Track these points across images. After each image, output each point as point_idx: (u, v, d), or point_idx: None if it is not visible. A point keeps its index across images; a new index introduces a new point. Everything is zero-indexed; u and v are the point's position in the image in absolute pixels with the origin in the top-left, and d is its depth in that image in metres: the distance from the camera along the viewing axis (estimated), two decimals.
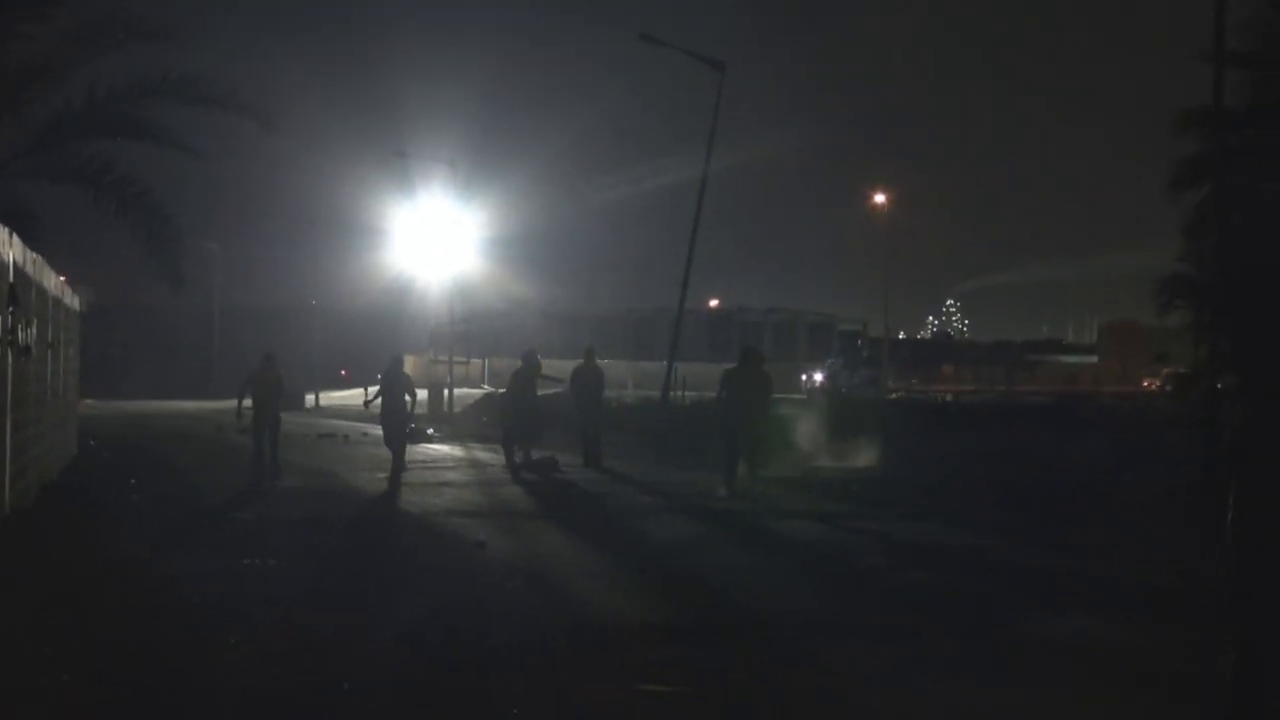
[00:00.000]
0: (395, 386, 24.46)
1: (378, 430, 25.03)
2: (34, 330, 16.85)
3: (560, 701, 8.53)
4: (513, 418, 26.87)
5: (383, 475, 23.56)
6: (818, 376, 74.90)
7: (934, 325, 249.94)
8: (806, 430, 28.76)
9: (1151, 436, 29.17)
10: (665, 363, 39.95)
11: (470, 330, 56.12)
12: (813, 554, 15.97)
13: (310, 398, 58.71)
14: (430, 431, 36.61)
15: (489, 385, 65.68)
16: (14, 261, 14.72)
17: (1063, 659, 10.09)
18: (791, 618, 11.76)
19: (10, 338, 14.33)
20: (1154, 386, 76.11)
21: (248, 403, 24.10)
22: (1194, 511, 17.03)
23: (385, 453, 24.17)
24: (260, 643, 9.99)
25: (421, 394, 40.86)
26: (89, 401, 41.61)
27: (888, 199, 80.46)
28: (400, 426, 24.45)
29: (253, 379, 24.05)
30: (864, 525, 18.52)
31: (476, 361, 69.46)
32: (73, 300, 24.56)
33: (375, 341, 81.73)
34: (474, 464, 27.92)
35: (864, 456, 26.57)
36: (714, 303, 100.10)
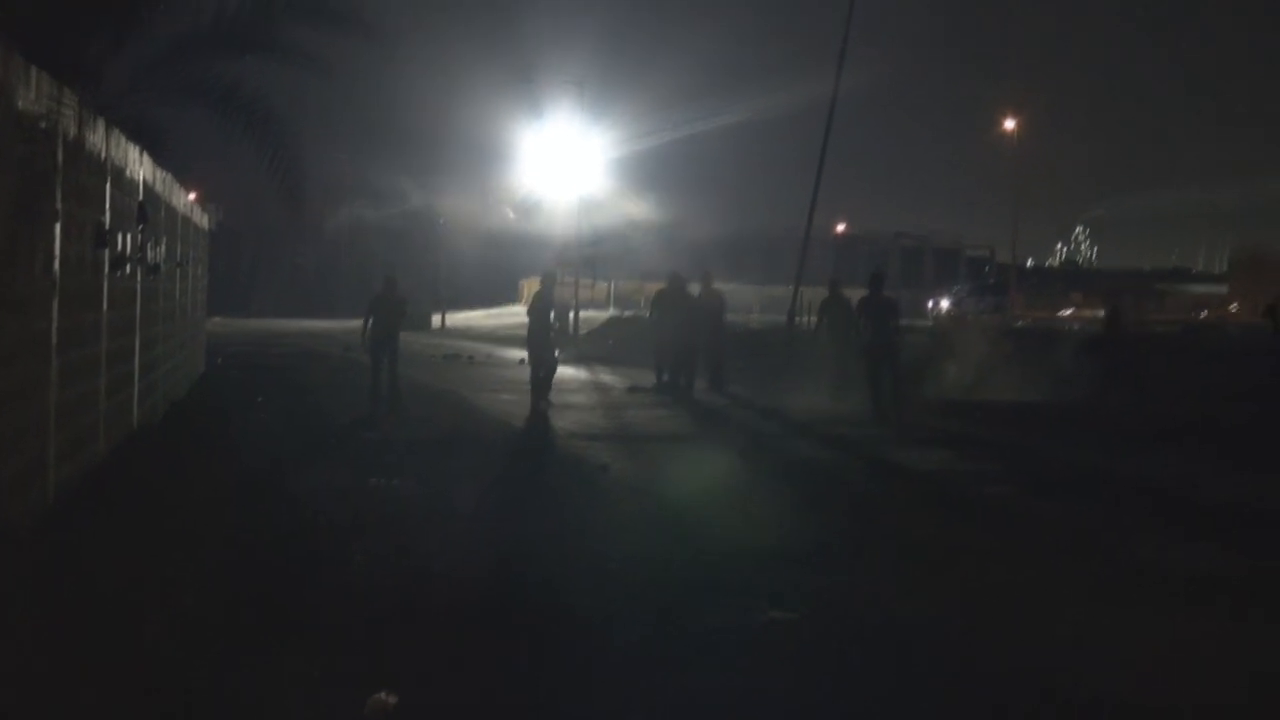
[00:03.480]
0: (546, 307, 23.78)
1: (503, 352, 24.74)
2: (163, 248, 16.96)
3: (678, 624, 8.43)
4: (666, 340, 26.53)
5: (508, 397, 23.59)
6: (944, 303, 74.36)
7: (1062, 252, 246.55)
8: (936, 356, 28.46)
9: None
10: (791, 287, 39.62)
11: (596, 252, 56.03)
12: (935, 482, 15.80)
13: (436, 318, 59.09)
14: (556, 353, 36.61)
15: (614, 308, 65.73)
16: (143, 180, 14.78)
17: (1160, 584, 10.17)
18: (913, 544, 11.72)
19: (139, 255, 14.40)
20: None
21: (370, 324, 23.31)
22: None
23: (509, 373, 24.00)
24: (382, 562, 9.98)
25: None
26: (217, 319, 42.15)
27: (1017, 124, 79.23)
28: (549, 349, 23.61)
29: (375, 301, 23.28)
30: (990, 453, 18.34)
31: (602, 284, 69.48)
32: (202, 219, 24.73)
33: (500, 263, 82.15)
34: (599, 387, 27.91)
35: (993, 384, 26.18)
36: (841, 227, 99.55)
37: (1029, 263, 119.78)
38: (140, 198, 14.38)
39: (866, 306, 22.42)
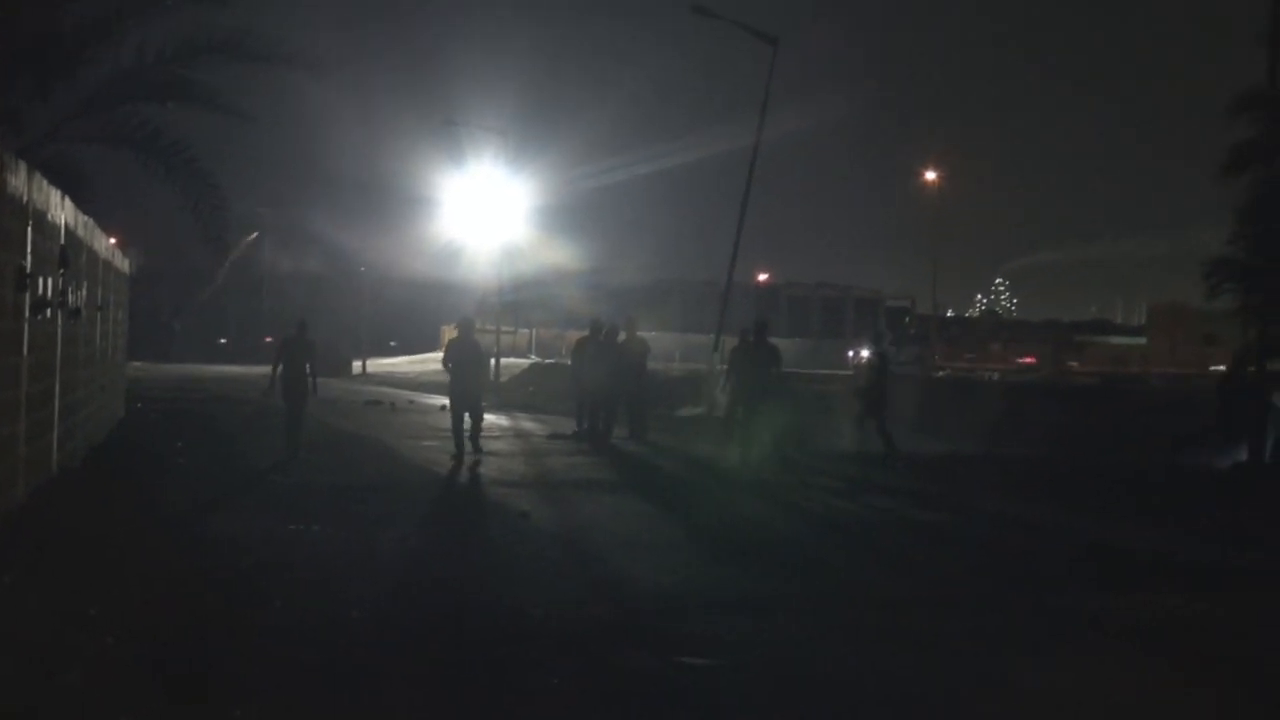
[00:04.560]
0: (469, 352, 23.36)
1: (425, 398, 24.71)
2: (83, 292, 16.89)
3: (600, 672, 8.51)
4: (587, 387, 26.56)
5: (430, 443, 23.56)
6: (864, 353, 74.76)
7: (982, 303, 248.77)
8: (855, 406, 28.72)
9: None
10: (712, 335, 39.83)
11: (518, 300, 56.16)
12: (852, 528, 15.97)
13: (358, 364, 58.93)
14: (481, 403, 36.57)
15: (535, 355, 65.78)
16: (65, 224, 14.74)
17: (1041, 631, 10.40)
18: (833, 591, 11.81)
19: (59, 299, 14.36)
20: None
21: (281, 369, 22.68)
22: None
23: (431, 420, 23.91)
24: (302, 610, 9.99)
25: None
26: (137, 364, 41.86)
27: (938, 176, 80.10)
28: (478, 395, 23.20)
29: (285, 344, 22.97)
30: (908, 501, 18.54)
31: (524, 331, 69.53)
32: (123, 263, 24.62)
33: (423, 309, 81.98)
34: (520, 434, 27.93)
35: (901, 434, 26.40)
36: (763, 277, 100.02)
37: (949, 313, 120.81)
38: (62, 241, 14.36)
39: (749, 351, 22.99)
